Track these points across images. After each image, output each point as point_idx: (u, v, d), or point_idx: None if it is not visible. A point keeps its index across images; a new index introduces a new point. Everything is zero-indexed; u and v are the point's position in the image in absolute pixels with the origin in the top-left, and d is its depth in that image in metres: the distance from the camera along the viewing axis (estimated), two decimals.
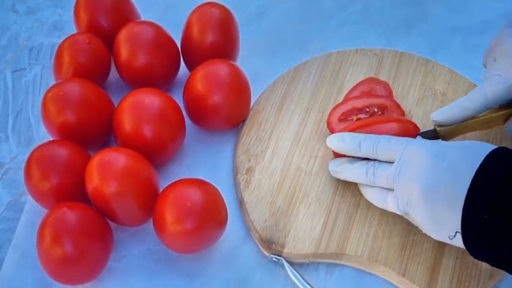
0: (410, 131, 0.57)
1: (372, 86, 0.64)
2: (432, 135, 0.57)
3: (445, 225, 0.48)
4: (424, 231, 0.51)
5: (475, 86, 0.65)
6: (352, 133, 0.56)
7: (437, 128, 0.57)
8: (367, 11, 0.76)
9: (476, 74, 0.68)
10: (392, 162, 0.52)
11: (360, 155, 0.55)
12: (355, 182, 0.56)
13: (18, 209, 0.66)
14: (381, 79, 0.65)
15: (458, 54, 0.71)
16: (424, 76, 0.67)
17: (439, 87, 0.66)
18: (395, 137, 0.53)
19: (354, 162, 0.55)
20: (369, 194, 0.55)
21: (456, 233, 0.47)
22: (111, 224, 0.56)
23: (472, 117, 0.56)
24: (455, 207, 0.46)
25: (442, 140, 0.57)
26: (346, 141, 0.55)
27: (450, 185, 0.47)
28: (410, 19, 0.75)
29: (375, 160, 0.54)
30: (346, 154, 0.56)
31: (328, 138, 0.57)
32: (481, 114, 0.56)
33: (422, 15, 0.75)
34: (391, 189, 0.52)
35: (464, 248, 0.48)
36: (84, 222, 0.52)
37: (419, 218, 0.50)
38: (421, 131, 0.58)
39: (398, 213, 0.52)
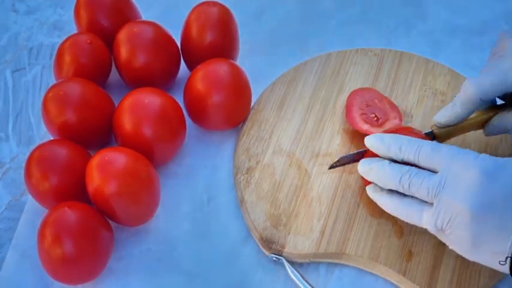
0: None
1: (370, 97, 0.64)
2: (430, 137, 0.56)
3: (488, 248, 0.45)
4: (455, 250, 0.48)
5: None
6: (392, 134, 0.52)
7: (436, 131, 0.56)
8: (367, 11, 0.76)
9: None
10: (432, 171, 0.48)
11: (399, 159, 0.51)
12: (383, 185, 0.52)
13: (18, 208, 0.65)
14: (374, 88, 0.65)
15: (458, 54, 0.71)
16: (425, 76, 0.67)
17: (439, 87, 0.66)
18: (440, 144, 0.49)
19: (386, 164, 0.51)
20: (389, 205, 0.51)
21: (507, 258, 0.44)
22: (111, 223, 0.56)
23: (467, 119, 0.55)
24: (507, 231, 0.44)
25: (437, 141, 0.56)
26: (386, 142, 0.51)
27: (505, 207, 0.44)
28: (410, 19, 0.75)
29: (410, 166, 0.50)
30: (383, 156, 0.52)
31: (366, 137, 0.53)
32: (473, 115, 0.55)
33: (422, 15, 0.75)
34: (426, 202, 0.49)
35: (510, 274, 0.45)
36: (85, 222, 0.52)
37: (458, 238, 0.46)
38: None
39: (429, 229, 0.48)
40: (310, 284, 0.53)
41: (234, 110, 0.62)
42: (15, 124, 0.72)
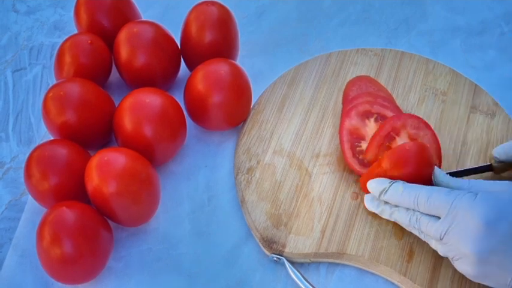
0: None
1: (366, 86, 0.64)
2: (486, 169, 0.58)
3: (491, 280, 0.49)
4: (460, 271, 0.51)
5: (475, 85, 0.65)
6: (393, 184, 0.53)
7: (494, 164, 0.57)
8: (367, 11, 0.76)
9: (477, 74, 0.68)
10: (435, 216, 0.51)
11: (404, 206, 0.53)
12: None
13: (18, 208, 0.65)
14: (376, 79, 0.65)
15: (459, 54, 0.71)
16: (425, 76, 0.67)
17: (440, 87, 0.66)
18: (437, 191, 0.50)
19: (393, 207, 0.54)
20: (404, 222, 0.54)
21: None
22: (111, 223, 0.56)
23: None
24: (508, 269, 0.47)
25: (494, 173, 0.58)
26: (388, 193, 0.53)
27: (506, 250, 0.47)
28: (410, 19, 0.75)
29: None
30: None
31: (369, 183, 0.54)
32: None
33: (422, 15, 0.75)
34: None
35: None
36: (84, 221, 0.52)
37: (463, 268, 0.49)
38: (474, 166, 0.58)
39: (440, 253, 0.52)
40: (310, 284, 0.53)
41: (234, 110, 0.62)
42: (15, 124, 0.72)
